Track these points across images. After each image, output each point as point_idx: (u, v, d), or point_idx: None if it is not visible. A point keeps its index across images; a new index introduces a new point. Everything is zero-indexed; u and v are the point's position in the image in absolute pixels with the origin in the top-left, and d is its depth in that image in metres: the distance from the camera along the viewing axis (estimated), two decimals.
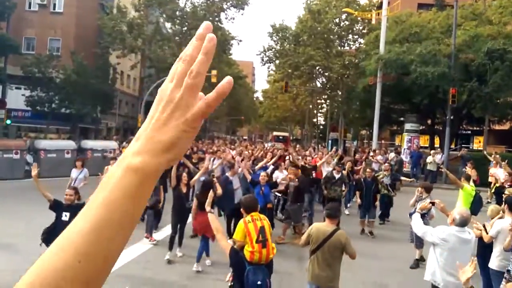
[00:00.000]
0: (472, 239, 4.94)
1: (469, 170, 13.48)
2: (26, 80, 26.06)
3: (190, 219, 8.60)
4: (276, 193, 10.61)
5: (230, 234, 8.54)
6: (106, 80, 30.94)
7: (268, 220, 6.94)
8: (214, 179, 9.28)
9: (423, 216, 7.70)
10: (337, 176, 11.22)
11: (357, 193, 11.02)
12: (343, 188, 11.51)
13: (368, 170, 11.49)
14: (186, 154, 15.66)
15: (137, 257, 8.04)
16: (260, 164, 11.68)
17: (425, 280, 5.09)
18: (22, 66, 25.66)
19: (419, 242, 8.03)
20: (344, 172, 12.47)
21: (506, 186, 10.72)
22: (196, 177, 8.82)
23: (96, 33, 31.70)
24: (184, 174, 8.47)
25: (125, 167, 0.61)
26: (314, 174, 11.80)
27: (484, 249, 6.18)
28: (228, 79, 0.66)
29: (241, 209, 5.24)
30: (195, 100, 0.64)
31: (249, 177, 9.32)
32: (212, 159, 13.01)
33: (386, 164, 13.54)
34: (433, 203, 6.04)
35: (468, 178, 9.55)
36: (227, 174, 9.73)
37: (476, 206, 9.08)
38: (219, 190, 7.90)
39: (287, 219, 9.93)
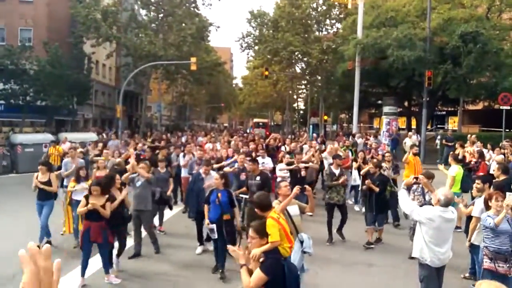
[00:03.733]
0: (455, 218, 5.21)
1: (458, 150, 13.60)
2: None
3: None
4: (241, 195, 8.69)
5: (200, 235, 8.00)
6: (81, 71, 30.23)
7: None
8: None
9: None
10: (336, 171, 8.84)
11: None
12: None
13: (371, 164, 9.13)
14: (153, 146, 14.68)
15: (127, 249, 8.00)
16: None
17: (413, 256, 5.38)
18: None
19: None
20: (355, 165, 10.84)
21: (473, 162, 11.07)
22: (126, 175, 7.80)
23: (69, 22, 30.80)
24: (118, 176, 7.43)
25: None
26: (304, 173, 10.00)
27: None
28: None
29: (256, 209, 4.75)
30: None
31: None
32: (182, 154, 11.75)
33: (387, 154, 10.97)
34: (416, 178, 6.24)
35: (456, 158, 9.62)
36: (200, 170, 8.47)
37: (467, 183, 9.29)
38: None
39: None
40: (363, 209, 11.22)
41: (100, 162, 9.53)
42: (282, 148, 14.79)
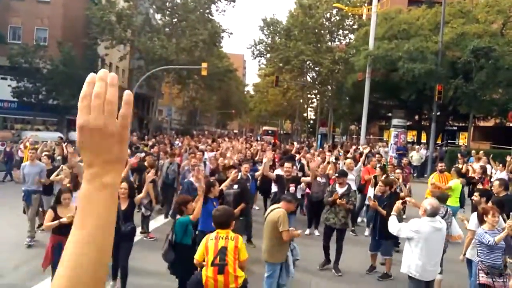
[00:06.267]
0: (443, 227, 5.19)
1: (460, 165, 13.46)
2: (12, 71, 25.68)
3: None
4: None
5: None
6: (94, 71, 30.42)
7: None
8: None
9: None
10: (341, 190, 7.65)
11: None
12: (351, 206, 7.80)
13: (380, 184, 7.79)
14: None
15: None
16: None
17: (401, 272, 5.33)
18: (8, 56, 25.26)
19: None
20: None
21: (477, 177, 10.92)
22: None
23: (84, 23, 31.27)
24: (124, 185, 6.13)
25: (99, 186, 0.82)
26: (293, 188, 8.47)
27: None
28: (127, 92, 0.86)
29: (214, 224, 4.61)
30: (115, 120, 0.84)
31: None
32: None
33: (398, 171, 9.69)
34: (404, 202, 6.15)
35: (458, 172, 9.60)
36: (191, 179, 7.46)
37: (462, 199, 9.37)
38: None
39: None
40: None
41: (65, 170, 8.19)
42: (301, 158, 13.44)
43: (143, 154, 11.60)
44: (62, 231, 5.26)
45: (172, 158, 10.76)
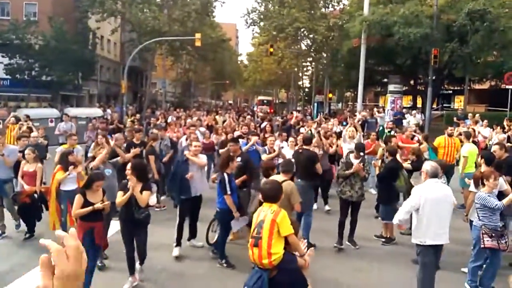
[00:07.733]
0: (445, 187, 5.16)
1: (462, 128, 13.28)
2: (3, 47, 25.25)
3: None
4: None
5: (180, 233, 6.82)
6: (86, 46, 30.15)
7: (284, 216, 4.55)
8: None
9: None
10: (356, 161, 7.19)
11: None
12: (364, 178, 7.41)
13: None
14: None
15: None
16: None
17: (412, 242, 5.22)
18: None
19: None
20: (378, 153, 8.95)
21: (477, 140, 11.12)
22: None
23: None
24: (128, 166, 5.73)
25: None
26: None
27: None
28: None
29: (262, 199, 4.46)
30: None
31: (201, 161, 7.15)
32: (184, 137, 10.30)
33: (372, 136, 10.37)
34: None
35: (468, 136, 9.52)
36: (185, 152, 7.25)
37: None
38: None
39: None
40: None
41: (28, 155, 7.33)
42: (302, 130, 13.28)
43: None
44: (93, 217, 5.17)
45: (162, 133, 10.21)
